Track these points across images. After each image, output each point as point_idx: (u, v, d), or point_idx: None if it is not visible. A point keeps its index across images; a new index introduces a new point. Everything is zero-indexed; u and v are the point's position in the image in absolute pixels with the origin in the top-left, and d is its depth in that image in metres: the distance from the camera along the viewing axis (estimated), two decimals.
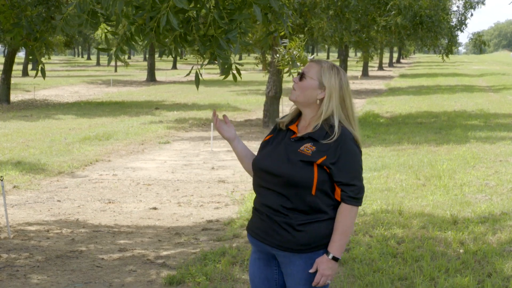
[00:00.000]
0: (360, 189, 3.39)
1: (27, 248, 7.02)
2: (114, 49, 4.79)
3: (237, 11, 4.60)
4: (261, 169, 3.47)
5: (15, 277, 6.06)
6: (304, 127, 3.49)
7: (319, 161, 3.33)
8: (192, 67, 4.93)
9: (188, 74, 4.87)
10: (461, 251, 6.55)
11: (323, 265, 3.36)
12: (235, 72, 4.77)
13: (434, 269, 5.97)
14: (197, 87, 4.74)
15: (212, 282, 5.79)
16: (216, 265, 6.22)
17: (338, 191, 3.37)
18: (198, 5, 4.52)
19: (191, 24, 4.60)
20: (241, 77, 4.91)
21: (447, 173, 10.57)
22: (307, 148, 3.38)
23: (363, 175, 3.47)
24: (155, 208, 8.94)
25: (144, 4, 4.39)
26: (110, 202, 9.30)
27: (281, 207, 3.38)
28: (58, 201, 9.38)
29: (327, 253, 3.36)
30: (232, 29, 4.56)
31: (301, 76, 3.46)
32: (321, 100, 3.44)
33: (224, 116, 3.72)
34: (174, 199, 9.50)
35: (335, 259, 3.35)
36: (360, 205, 3.41)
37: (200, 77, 4.67)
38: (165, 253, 6.83)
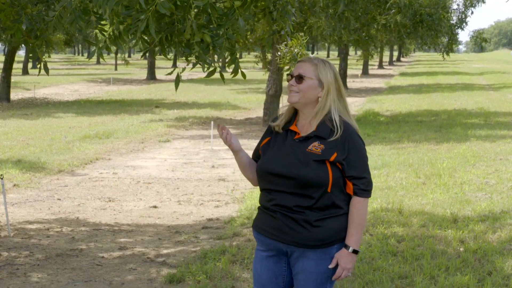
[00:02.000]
0: (370, 181, 3.46)
1: (27, 246, 7.02)
2: (100, 45, 4.80)
3: (225, 16, 4.60)
4: (270, 173, 3.47)
5: (15, 276, 6.07)
6: (305, 126, 3.51)
7: (332, 158, 3.38)
8: (174, 68, 4.90)
9: (170, 73, 4.85)
10: (461, 249, 6.55)
11: (344, 259, 3.41)
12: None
13: (434, 267, 5.98)
14: (176, 88, 4.74)
15: (212, 281, 5.79)
16: (216, 263, 6.22)
17: (350, 185, 3.43)
18: (183, 12, 4.51)
19: (176, 27, 4.60)
20: (224, 81, 4.92)
21: (447, 172, 10.57)
22: (315, 147, 3.41)
23: None
24: (155, 207, 8.94)
25: (133, 4, 4.38)
26: (110, 201, 9.30)
27: (297, 206, 3.40)
28: (58, 199, 9.38)
29: (347, 246, 3.42)
30: (219, 35, 4.58)
31: (299, 78, 3.47)
32: (321, 97, 3.48)
33: (222, 126, 3.62)
34: (174, 198, 9.50)
35: (355, 252, 3.42)
36: (370, 196, 3.47)
37: (179, 78, 4.68)
38: (165, 251, 6.83)
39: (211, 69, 4.69)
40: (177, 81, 4.67)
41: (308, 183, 3.37)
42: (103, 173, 11.33)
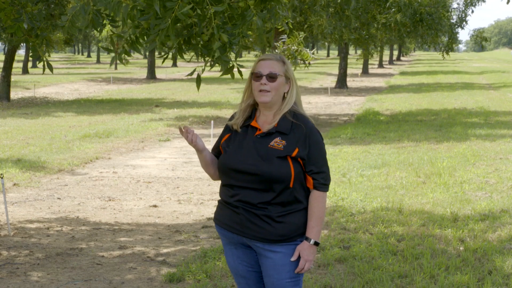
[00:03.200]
0: (328, 176, 3.55)
1: (27, 245, 7.03)
2: (119, 50, 4.85)
3: (240, 18, 4.71)
4: (233, 169, 3.51)
5: (15, 275, 6.07)
6: (267, 122, 3.56)
7: (294, 154, 3.45)
8: (195, 69, 4.97)
9: (191, 74, 4.94)
10: (461, 248, 6.56)
11: (305, 251, 3.49)
12: (235, 71, 4.89)
13: (434, 266, 5.98)
14: (198, 87, 4.87)
15: (212, 280, 5.79)
16: (216, 262, 6.23)
17: (310, 179, 3.50)
18: (201, 16, 4.59)
19: (194, 30, 4.69)
20: (242, 77, 5.00)
21: (447, 171, 10.57)
22: (277, 143, 3.48)
23: (364, 172, 3.55)
24: (155, 206, 8.94)
25: (148, 8, 4.45)
26: (110, 200, 9.30)
27: (260, 202, 3.46)
28: (58, 198, 9.38)
29: (308, 239, 3.49)
30: (235, 35, 4.68)
31: (271, 77, 3.51)
32: (287, 92, 3.57)
33: (185, 127, 3.58)
34: (174, 197, 9.50)
35: (316, 244, 3.49)
36: (328, 190, 3.57)
37: (200, 78, 4.78)
38: (165, 250, 6.84)
39: (228, 67, 4.80)
40: (198, 80, 4.81)
41: (271, 179, 3.42)
42: (103, 172, 11.33)
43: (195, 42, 4.84)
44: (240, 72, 4.90)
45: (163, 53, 5.08)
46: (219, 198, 3.68)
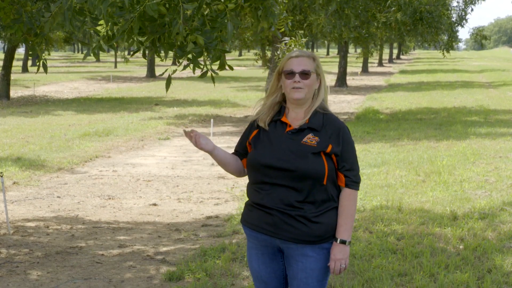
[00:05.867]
0: (358, 174, 3.52)
1: (27, 244, 7.03)
2: (94, 45, 4.83)
3: (218, 19, 4.63)
4: (266, 165, 3.46)
5: (15, 273, 6.07)
6: (297, 119, 3.53)
7: (328, 150, 3.42)
8: (167, 69, 4.90)
9: (161, 74, 4.88)
10: (461, 247, 6.56)
11: (334, 251, 3.46)
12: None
13: (434, 265, 5.98)
14: (167, 89, 4.79)
15: (212, 278, 5.79)
16: (215, 261, 6.23)
17: (341, 177, 3.47)
18: (174, 14, 4.51)
19: (166, 29, 4.63)
20: (214, 84, 4.98)
21: (447, 169, 10.57)
22: (310, 139, 3.44)
23: (363, 171, 3.53)
24: (155, 204, 8.94)
25: (126, 5, 4.41)
26: (110, 198, 9.30)
27: (294, 201, 3.41)
28: (58, 197, 9.38)
29: (337, 239, 3.46)
30: (213, 38, 4.61)
31: (305, 74, 3.48)
32: (317, 88, 3.56)
33: (192, 131, 3.58)
34: (174, 195, 9.50)
35: (343, 242, 3.45)
36: (359, 189, 3.53)
37: (170, 79, 4.72)
38: (164, 249, 6.84)
39: (204, 70, 4.75)
40: (168, 82, 4.72)
41: (305, 175, 3.38)
42: (102, 171, 11.33)
43: (168, 42, 4.78)
44: (213, 78, 4.83)
45: (136, 50, 4.98)
46: (247, 200, 3.62)
